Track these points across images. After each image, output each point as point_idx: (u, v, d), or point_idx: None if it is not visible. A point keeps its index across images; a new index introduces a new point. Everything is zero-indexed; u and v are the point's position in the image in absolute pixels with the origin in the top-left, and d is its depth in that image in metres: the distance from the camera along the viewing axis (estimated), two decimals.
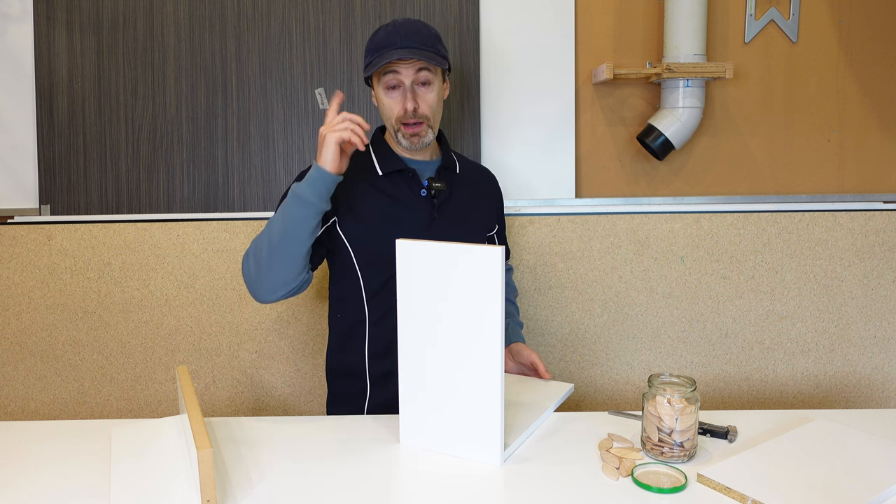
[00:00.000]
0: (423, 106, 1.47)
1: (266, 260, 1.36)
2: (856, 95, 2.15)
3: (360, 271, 1.50)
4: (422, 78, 1.46)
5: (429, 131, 1.49)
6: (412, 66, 1.44)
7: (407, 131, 1.47)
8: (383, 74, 1.46)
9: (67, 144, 2.02)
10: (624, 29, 2.10)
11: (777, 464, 1.14)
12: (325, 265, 1.63)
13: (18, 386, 2.06)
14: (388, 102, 1.48)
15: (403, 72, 1.45)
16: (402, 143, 1.50)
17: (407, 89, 1.45)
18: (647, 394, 1.21)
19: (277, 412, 2.08)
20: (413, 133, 1.47)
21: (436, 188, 1.51)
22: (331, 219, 1.49)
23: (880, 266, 2.10)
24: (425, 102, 1.47)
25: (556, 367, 2.11)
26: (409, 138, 1.48)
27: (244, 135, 2.04)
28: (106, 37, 2.01)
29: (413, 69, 1.45)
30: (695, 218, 2.07)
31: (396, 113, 1.47)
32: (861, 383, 2.14)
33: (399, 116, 1.47)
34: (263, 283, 1.39)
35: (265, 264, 1.36)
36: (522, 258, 2.06)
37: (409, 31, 1.45)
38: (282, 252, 1.35)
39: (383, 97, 1.48)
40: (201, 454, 1.00)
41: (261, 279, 1.38)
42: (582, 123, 2.13)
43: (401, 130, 1.48)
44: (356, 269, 1.51)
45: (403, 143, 1.49)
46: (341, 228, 1.49)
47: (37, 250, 2.01)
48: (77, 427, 1.36)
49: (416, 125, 1.47)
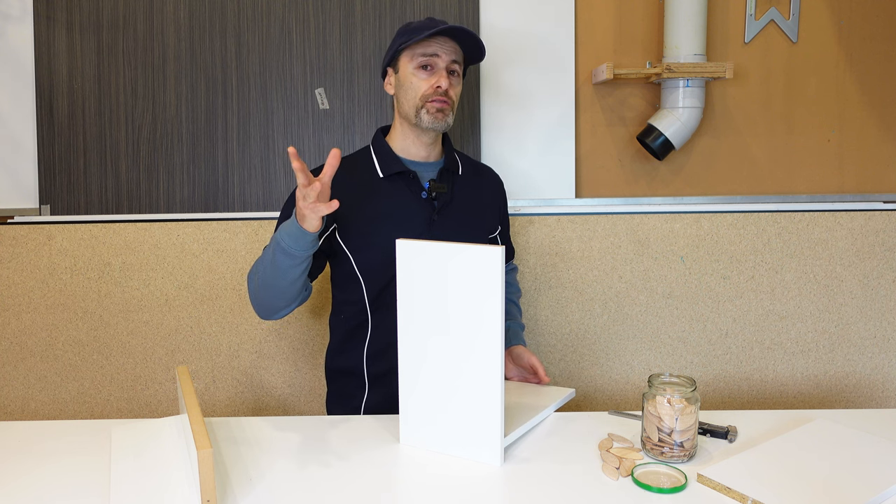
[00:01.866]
0: (452, 91, 1.50)
1: (262, 291, 1.41)
2: (856, 95, 2.15)
3: (361, 275, 1.50)
4: (454, 67, 1.50)
5: (451, 114, 1.50)
6: (450, 52, 1.48)
7: (433, 105, 1.47)
8: (419, 56, 1.47)
9: (67, 144, 2.02)
10: (624, 29, 2.10)
11: (777, 464, 1.14)
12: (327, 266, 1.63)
13: (18, 386, 2.06)
14: (416, 81, 1.48)
15: (442, 55, 1.47)
16: (422, 121, 1.49)
17: (442, 70, 1.48)
18: (647, 394, 1.21)
19: (277, 412, 2.08)
20: (439, 108, 1.47)
21: (437, 190, 1.51)
22: (331, 227, 1.49)
23: (880, 266, 2.10)
24: (454, 90, 1.51)
25: (556, 368, 2.11)
26: (434, 113, 1.48)
27: (244, 135, 2.04)
28: (106, 37, 2.01)
29: (450, 56, 1.48)
30: (695, 218, 2.07)
31: (424, 90, 1.48)
32: (861, 383, 2.14)
33: (427, 94, 1.47)
34: (264, 309, 1.46)
35: (262, 294, 1.42)
36: (522, 258, 2.06)
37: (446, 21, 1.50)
38: (274, 289, 1.39)
39: (412, 77, 1.48)
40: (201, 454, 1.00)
41: (261, 305, 1.45)
42: (582, 123, 2.13)
43: (425, 107, 1.48)
44: (357, 274, 1.51)
45: (425, 119, 1.48)
46: (341, 236, 1.49)
47: (37, 250, 2.01)
48: (77, 427, 1.36)
49: (443, 101, 1.48)
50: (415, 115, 1.49)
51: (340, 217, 1.48)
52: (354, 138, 2.04)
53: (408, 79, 1.49)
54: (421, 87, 1.48)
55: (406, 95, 1.50)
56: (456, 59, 1.49)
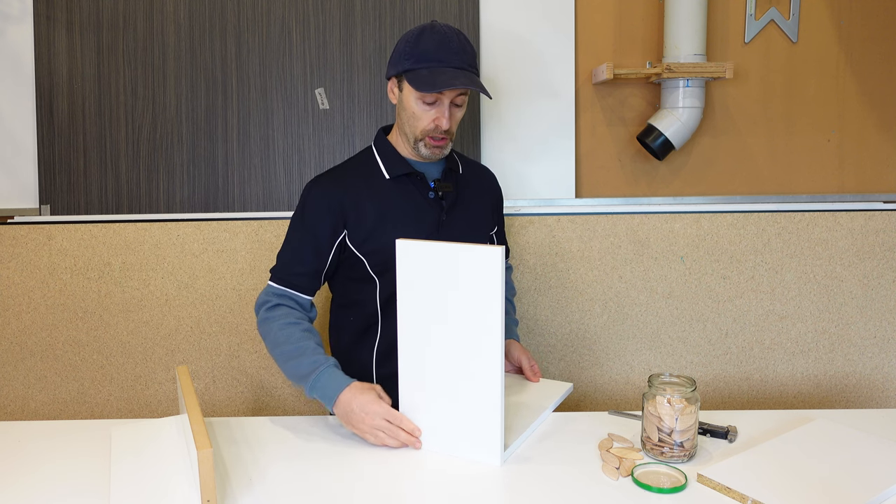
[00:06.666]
0: (453, 124, 1.47)
1: (272, 353, 1.45)
2: (856, 95, 2.15)
3: (376, 277, 1.50)
4: (459, 100, 1.45)
5: (449, 144, 1.49)
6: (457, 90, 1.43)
7: (432, 143, 1.46)
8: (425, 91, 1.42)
9: (67, 144, 2.02)
10: (624, 29, 2.10)
11: (777, 464, 1.14)
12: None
13: (18, 386, 2.06)
14: (419, 113, 1.44)
15: (447, 93, 1.42)
16: (420, 153, 1.48)
17: (445, 108, 1.43)
18: (647, 394, 1.21)
19: (277, 412, 2.08)
20: (437, 146, 1.47)
21: (443, 189, 1.51)
22: (340, 233, 1.49)
23: (880, 266, 2.10)
24: (455, 121, 1.47)
25: (556, 367, 2.11)
26: (432, 149, 1.47)
27: (244, 135, 2.04)
28: (106, 37, 2.01)
29: (456, 93, 1.43)
30: (695, 218, 2.07)
31: (425, 126, 1.45)
32: (861, 383, 2.14)
33: (428, 130, 1.45)
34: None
35: (272, 355, 1.45)
36: (522, 258, 2.06)
37: (457, 49, 1.42)
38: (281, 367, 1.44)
39: (415, 107, 1.44)
40: (201, 454, 1.00)
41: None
42: (582, 123, 2.13)
43: (424, 141, 1.46)
44: (371, 276, 1.51)
45: (423, 152, 1.48)
46: (352, 241, 1.49)
47: (37, 250, 2.01)
48: (77, 427, 1.36)
49: (441, 139, 1.46)
50: (413, 143, 1.49)
51: (350, 223, 1.48)
52: (354, 138, 2.04)
53: (410, 106, 1.45)
54: (422, 120, 1.44)
55: (407, 120, 1.47)
56: (463, 92, 1.45)
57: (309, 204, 1.49)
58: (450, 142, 1.49)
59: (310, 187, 1.51)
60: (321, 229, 1.47)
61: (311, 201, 1.49)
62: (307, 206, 1.49)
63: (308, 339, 1.39)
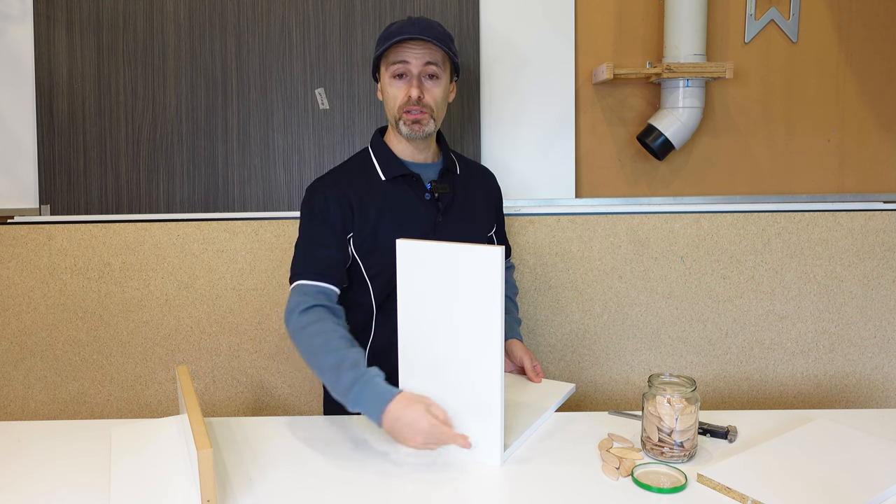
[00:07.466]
0: (428, 97, 1.45)
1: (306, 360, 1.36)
2: (856, 95, 2.15)
3: (369, 280, 1.49)
4: (430, 70, 1.44)
5: (431, 122, 1.46)
6: (421, 56, 1.43)
7: (409, 118, 1.44)
8: (392, 64, 1.44)
9: (67, 144, 2.02)
10: (624, 29, 2.10)
11: (777, 464, 1.14)
12: None
13: (18, 386, 2.06)
14: (392, 91, 1.45)
15: (413, 61, 1.43)
16: (401, 132, 1.47)
17: (413, 77, 1.44)
18: (647, 394, 1.21)
19: (277, 412, 2.08)
20: (414, 119, 1.44)
21: (439, 191, 1.51)
22: (349, 232, 1.47)
23: (880, 266, 2.10)
24: (431, 94, 1.45)
25: (556, 367, 2.11)
26: (410, 125, 1.45)
27: (244, 135, 2.04)
28: (106, 37, 2.01)
29: (422, 60, 1.43)
30: (695, 218, 2.07)
31: (400, 100, 1.44)
32: (861, 383, 2.14)
33: (402, 104, 1.44)
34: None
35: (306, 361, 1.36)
36: (522, 258, 2.06)
37: (424, 25, 1.44)
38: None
39: (388, 86, 1.46)
40: (201, 454, 1.00)
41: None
42: (582, 123, 2.13)
43: (402, 118, 1.45)
44: (365, 278, 1.50)
45: (403, 130, 1.46)
46: (354, 242, 1.48)
47: (37, 250, 2.01)
48: (77, 427, 1.36)
49: (419, 112, 1.44)
50: (395, 125, 1.48)
51: (356, 223, 1.47)
52: (354, 138, 2.04)
53: (386, 88, 1.47)
54: (397, 96, 1.45)
55: (387, 105, 1.49)
56: (431, 60, 1.43)
57: (318, 201, 1.46)
58: (431, 119, 1.46)
59: (315, 188, 1.50)
60: (333, 220, 1.45)
61: (320, 199, 1.46)
62: (316, 205, 1.46)
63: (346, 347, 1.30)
